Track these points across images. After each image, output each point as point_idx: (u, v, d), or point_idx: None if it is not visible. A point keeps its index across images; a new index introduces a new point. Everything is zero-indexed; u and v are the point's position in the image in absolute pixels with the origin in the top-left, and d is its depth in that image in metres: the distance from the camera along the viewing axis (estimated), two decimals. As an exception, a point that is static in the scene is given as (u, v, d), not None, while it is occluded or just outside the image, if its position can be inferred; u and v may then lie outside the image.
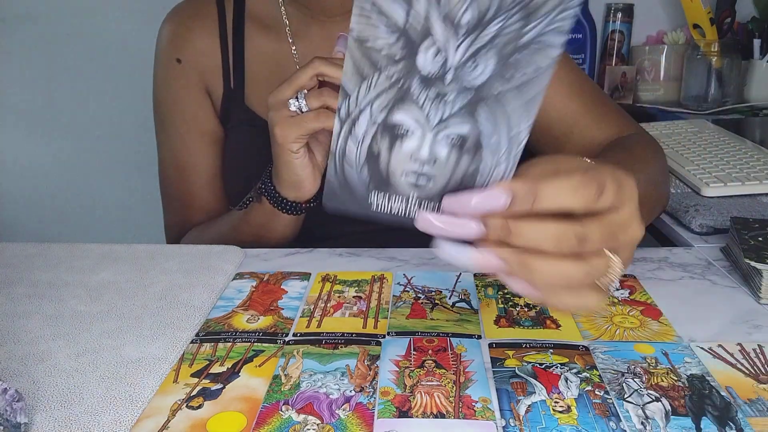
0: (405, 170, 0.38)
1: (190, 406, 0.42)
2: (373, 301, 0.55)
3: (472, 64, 0.35)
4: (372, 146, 0.38)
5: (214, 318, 0.53)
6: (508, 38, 0.34)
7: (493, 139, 0.37)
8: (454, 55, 0.35)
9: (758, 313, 0.52)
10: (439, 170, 0.38)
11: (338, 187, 0.40)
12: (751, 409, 0.41)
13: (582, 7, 1.48)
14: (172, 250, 0.66)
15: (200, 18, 0.78)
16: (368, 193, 0.39)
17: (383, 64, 0.35)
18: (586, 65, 1.50)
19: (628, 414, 0.40)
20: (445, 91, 0.36)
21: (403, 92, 0.36)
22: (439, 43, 0.34)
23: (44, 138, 1.60)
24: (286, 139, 0.59)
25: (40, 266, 0.63)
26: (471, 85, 0.35)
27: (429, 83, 0.36)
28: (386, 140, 0.37)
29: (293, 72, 0.59)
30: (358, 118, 0.37)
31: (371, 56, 0.35)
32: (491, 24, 0.33)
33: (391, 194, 0.39)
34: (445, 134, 0.37)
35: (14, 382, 0.44)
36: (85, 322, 0.52)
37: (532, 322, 0.51)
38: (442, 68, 0.35)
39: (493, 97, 0.35)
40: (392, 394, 0.43)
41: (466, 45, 0.34)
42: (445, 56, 0.35)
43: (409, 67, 0.35)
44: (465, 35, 0.34)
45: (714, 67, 1.36)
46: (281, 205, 0.65)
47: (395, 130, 0.37)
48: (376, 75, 0.36)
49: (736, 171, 0.84)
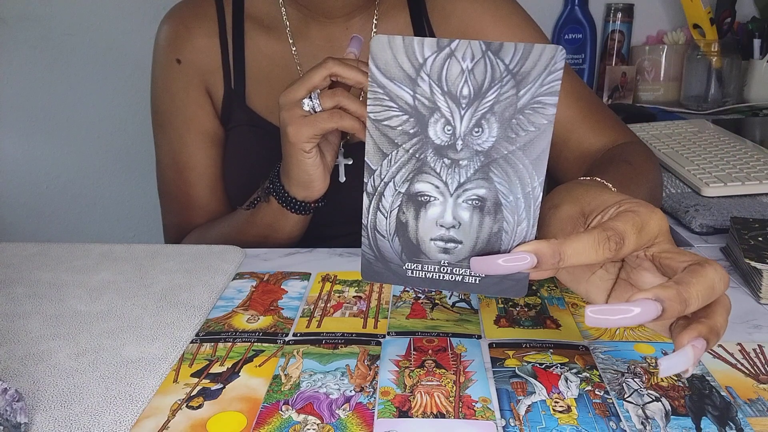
0: (433, 236, 0.41)
1: (190, 406, 0.42)
2: (373, 301, 0.55)
3: (477, 130, 0.39)
4: (399, 216, 0.41)
5: (214, 318, 0.53)
6: (506, 104, 0.38)
7: (510, 198, 0.40)
8: (461, 125, 0.39)
9: (758, 313, 0.52)
10: (465, 233, 0.41)
11: (374, 259, 0.43)
12: (751, 409, 0.41)
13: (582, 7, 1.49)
14: (172, 250, 0.66)
15: (199, 18, 0.78)
16: (402, 263, 0.42)
17: (400, 140, 0.40)
18: (586, 65, 1.50)
19: (628, 414, 0.40)
20: (458, 157, 0.39)
21: (421, 162, 0.40)
22: (446, 116, 0.39)
23: (44, 138, 1.60)
24: (300, 139, 0.59)
25: (40, 266, 0.63)
26: (480, 149, 0.39)
27: (442, 152, 0.39)
28: (411, 209, 0.41)
29: (306, 72, 0.59)
30: (384, 192, 0.41)
31: (388, 134, 0.40)
32: (488, 93, 0.38)
33: (423, 262, 0.42)
34: (465, 198, 0.40)
35: (14, 382, 0.44)
36: (85, 322, 0.52)
37: (532, 322, 0.51)
38: (451, 137, 0.39)
39: (503, 158, 0.39)
40: (392, 394, 0.43)
41: (470, 114, 0.38)
42: (452, 126, 0.39)
43: (423, 140, 0.39)
44: (467, 106, 0.38)
45: (714, 67, 1.36)
46: (290, 205, 0.65)
47: (418, 198, 0.41)
48: (395, 150, 0.40)
49: (736, 171, 0.84)
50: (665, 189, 0.85)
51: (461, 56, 0.37)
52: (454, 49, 0.37)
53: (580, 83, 0.77)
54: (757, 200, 0.78)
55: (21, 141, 1.60)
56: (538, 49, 0.37)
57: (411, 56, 0.38)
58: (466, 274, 0.42)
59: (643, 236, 0.39)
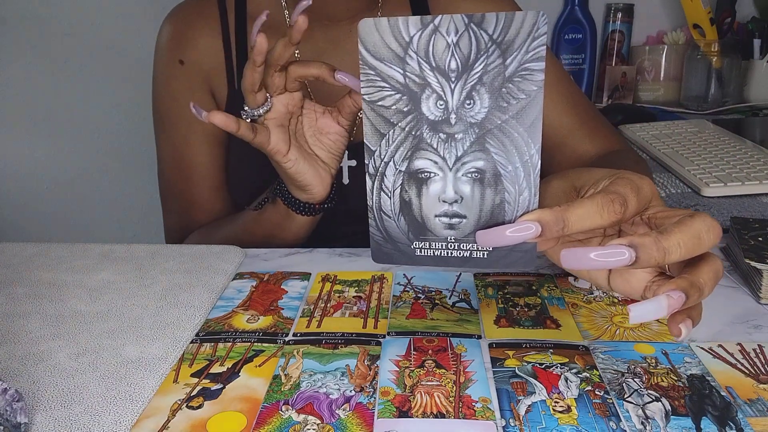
0: (437, 213, 0.41)
1: (190, 406, 0.42)
2: (373, 301, 0.55)
3: (469, 102, 0.39)
4: (403, 195, 0.42)
5: (214, 318, 0.53)
6: (494, 74, 0.38)
7: (509, 168, 0.40)
8: (452, 98, 0.39)
9: (758, 313, 0.52)
10: (468, 207, 0.41)
11: (383, 241, 0.43)
12: (751, 409, 0.41)
13: (582, 7, 1.49)
14: (172, 250, 0.66)
15: (202, 18, 0.78)
16: (410, 242, 0.43)
17: (396, 119, 0.40)
18: (586, 65, 1.50)
19: (628, 414, 0.40)
20: (453, 131, 0.40)
21: (418, 139, 0.40)
22: (437, 91, 0.39)
23: (44, 138, 1.60)
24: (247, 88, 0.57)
25: (40, 266, 0.63)
26: (474, 121, 0.39)
27: (437, 127, 0.40)
28: (414, 187, 0.41)
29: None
30: (385, 172, 0.42)
31: (384, 114, 0.40)
32: (476, 65, 0.38)
33: (430, 239, 0.42)
34: (464, 171, 0.40)
35: (14, 382, 0.44)
36: (85, 322, 0.52)
37: (532, 322, 0.51)
38: (444, 111, 0.40)
39: (497, 128, 0.39)
40: (392, 394, 0.43)
41: (460, 87, 0.39)
42: (444, 101, 0.39)
43: (418, 117, 0.40)
44: (456, 79, 0.39)
45: (714, 67, 1.36)
46: (295, 206, 0.65)
47: (419, 175, 0.41)
48: (391, 130, 0.41)
49: (736, 171, 0.84)
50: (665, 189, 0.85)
51: (445, 31, 0.38)
52: (438, 25, 0.38)
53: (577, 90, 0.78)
54: (757, 200, 0.78)
55: (21, 141, 1.60)
56: (520, 17, 0.37)
57: (397, 35, 0.39)
58: (474, 249, 0.42)
59: (641, 199, 0.39)
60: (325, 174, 0.63)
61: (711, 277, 0.37)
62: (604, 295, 0.55)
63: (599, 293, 0.56)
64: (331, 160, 0.63)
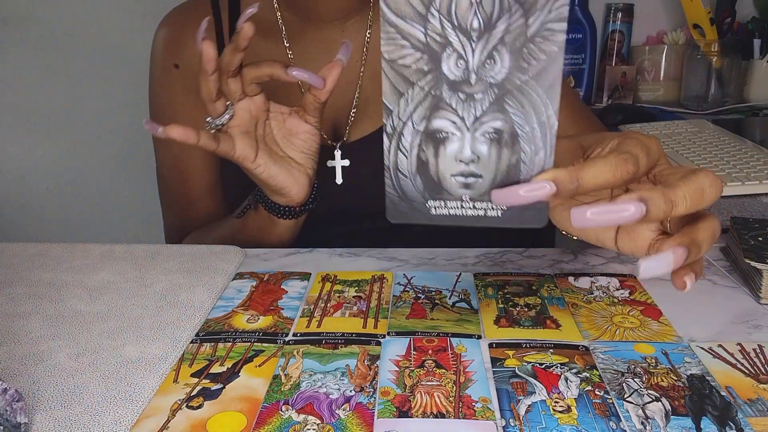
0: (453, 172, 0.41)
1: (190, 406, 0.42)
2: (373, 301, 0.55)
3: (489, 62, 0.39)
4: (420, 155, 0.41)
5: (214, 318, 0.53)
6: (516, 33, 0.38)
7: (526, 128, 0.40)
8: (473, 58, 0.39)
9: (758, 313, 0.52)
10: (484, 167, 0.41)
11: (398, 199, 0.43)
12: (751, 409, 0.41)
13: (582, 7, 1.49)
14: (172, 250, 0.66)
15: (196, 22, 0.78)
16: (425, 200, 0.43)
17: (415, 78, 0.40)
18: (586, 65, 1.50)
19: (628, 414, 0.40)
20: (473, 91, 0.39)
21: (437, 99, 0.40)
22: (458, 50, 0.39)
23: (44, 138, 1.60)
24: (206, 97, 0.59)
25: (40, 266, 0.63)
26: (494, 81, 0.39)
27: (457, 87, 0.40)
28: (431, 147, 0.41)
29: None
30: (403, 131, 0.41)
31: (403, 73, 0.40)
32: (498, 24, 0.38)
33: (446, 198, 0.42)
34: (482, 131, 0.40)
35: (14, 382, 0.44)
36: (85, 322, 0.52)
37: (532, 322, 0.51)
38: (465, 71, 0.39)
39: (516, 88, 0.39)
40: (392, 394, 0.43)
41: (481, 47, 0.38)
42: (465, 60, 0.39)
43: (438, 76, 0.39)
44: (478, 39, 0.38)
45: (714, 67, 1.36)
46: (275, 211, 0.65)
47: (437, 135, 0.41)
48: (410, 89, 0.40)
49: (736, 171, 0.84)
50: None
51: None
52: None
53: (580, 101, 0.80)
54: (757, 200, 0.78)
55: (21, 141, 1.60)
56: None
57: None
58: (488, 207, 0.42)
59: (650, 158, 0.40)
60: (300, 175, 0.62)
61: (709, 235, 0.39)
62: (604, 295, 0.55)
63: (599, 293, 0.56)
64: (306, 160, 0.63)
